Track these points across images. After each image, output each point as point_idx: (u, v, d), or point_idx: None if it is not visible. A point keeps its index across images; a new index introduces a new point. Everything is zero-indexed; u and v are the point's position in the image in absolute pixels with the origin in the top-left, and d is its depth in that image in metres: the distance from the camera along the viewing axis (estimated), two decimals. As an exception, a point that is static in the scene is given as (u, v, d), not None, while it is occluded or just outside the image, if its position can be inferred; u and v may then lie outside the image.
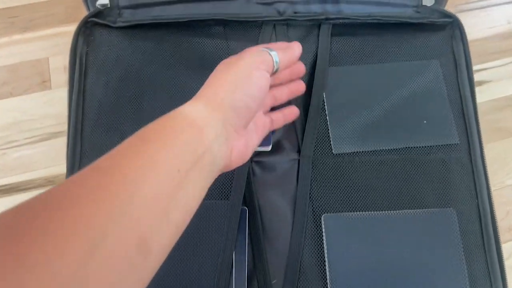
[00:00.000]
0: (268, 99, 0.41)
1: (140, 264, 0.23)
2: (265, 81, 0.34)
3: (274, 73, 0.36)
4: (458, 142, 0.47)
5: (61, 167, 0.63)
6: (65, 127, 0.49)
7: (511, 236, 0.61)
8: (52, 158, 0.63)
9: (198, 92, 0.33)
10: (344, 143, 0.47)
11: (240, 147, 0.34)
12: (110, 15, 0.50)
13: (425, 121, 0.47)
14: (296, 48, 0.39)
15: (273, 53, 0.36)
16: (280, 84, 0.42)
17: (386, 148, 0.47)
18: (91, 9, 0.50)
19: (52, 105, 0.66)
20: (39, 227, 0.20)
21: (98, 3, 0.49)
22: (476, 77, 0.72)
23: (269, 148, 0.47)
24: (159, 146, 0.27)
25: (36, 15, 0.72)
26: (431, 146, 0.47)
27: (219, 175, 0.33)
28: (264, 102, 0.40)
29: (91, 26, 0.50)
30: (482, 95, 0.71)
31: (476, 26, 0.78)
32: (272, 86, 0.42)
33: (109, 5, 0.49)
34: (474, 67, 0.74)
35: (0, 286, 0.18)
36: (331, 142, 0.47)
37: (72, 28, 0.73)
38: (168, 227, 0.26)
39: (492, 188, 0.62)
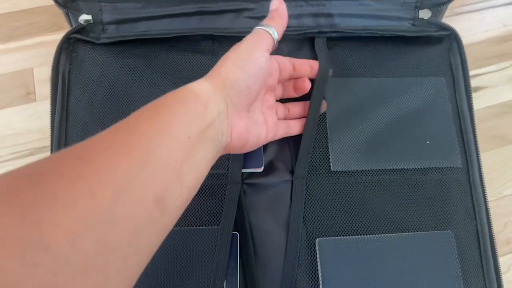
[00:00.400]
0: (281, 109, 0.44)
1: (158, 219, 0.25)
2: (264, 60, 0.36)
3: (275, 45, 0.39)
4: (461, 166, 0.45)
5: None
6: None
7: (510, 249, 0.60)
8: (38, 175, 0.61)
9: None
10: (344, 160, 0.45)
11: (240, 128, 0.35)
12: (93, 31, 0.47)
13: (428, 142, 0.46)
14: (280, 6, 0.40)
15: (271, 30, 0.38)
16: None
17: (387, 167, 0.45)
18: (74, 25, 0.48)
19: (38, 119, 0.64)
20: (67, 173, 0.22)
21: (80, 18, 0.47)
22: (472, 83, 0.71)
23: (261, 169, 0.45)
24: (171, 114, 0.29)
25: (19, 23, 0.70)
26: (430, 167, 0.45)
27: (207, 200, 0.37)
28: (268, 83, 0.42)
29: (74, 42, 0.48)
30: (478, 102, 0.69)
31: (471, 30, 0.76)
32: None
33: (92, 21, 0.47)
34: (470, 73, 0.73)
35: (35, 220, 0.19)
36: (330, 159, 0.45)
37: (56, 36, 0.71)
38: (182, 189, 0.28)
39: (490, 199, 0.61)
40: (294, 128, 0.45)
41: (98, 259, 0.21)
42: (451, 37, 0.50)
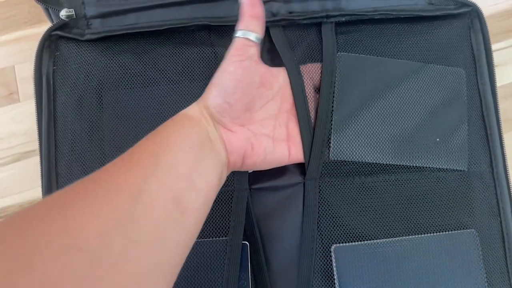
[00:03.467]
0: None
1: (179, 218, 0.27)
2: (240, 71, 0.35)
3: (260, 40, 0.38)
4: (466, 169, 0.42)
5: (37, 190, 0.57)
6: (37, 145, 0.43)
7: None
8: (26, 181, 0.57)
9: None
10: (344, 150, 0.41)
11: (234, 142, 0.35)
12: (77, 26, 0.43)
13: (437, 139, 0.42)
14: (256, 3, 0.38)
15: (250, 35, 0.37)
16: None
17: (388, 162, 0.41)
18: (55, 20, 0.43)
19: (22, 121, 0.60)
20: (83, 190, 0.25)
21: (61, 13, 0.42)
22: (480, 61, 0.67)
23: None
24: (168, 133, 0.31)
25: (-4, 17, 0.65)
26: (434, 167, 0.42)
27: (212, 210, 0.37)
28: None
29: (56, 40, 0.43)
30: (488, 82, 0.66)
31: (479, 4, 0.72)
32: None
33: (74, 16, 0.42)
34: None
35: (57, 225, 0.22)
36: (330, 146, 0.41)
37: (38, 30, 0.66)
38: (196, 193, 0.29)
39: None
40: None
41: (128, 252, 0.23)
42: (472, 14, 0.46)
